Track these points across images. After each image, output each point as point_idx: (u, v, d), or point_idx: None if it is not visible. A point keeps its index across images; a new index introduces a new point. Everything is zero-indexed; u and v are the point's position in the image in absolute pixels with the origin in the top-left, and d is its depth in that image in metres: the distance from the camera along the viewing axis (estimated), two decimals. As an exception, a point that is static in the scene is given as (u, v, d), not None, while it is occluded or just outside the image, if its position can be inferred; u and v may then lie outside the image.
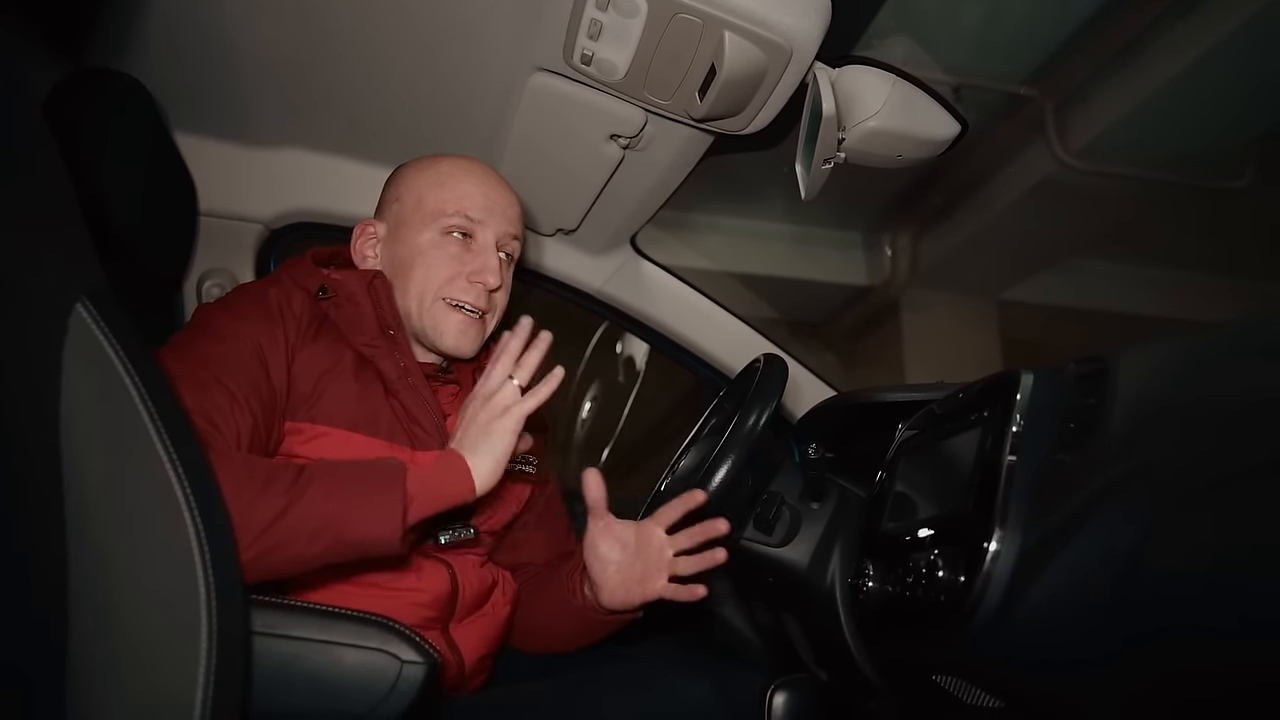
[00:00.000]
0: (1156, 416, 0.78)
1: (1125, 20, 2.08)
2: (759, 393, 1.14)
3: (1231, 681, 0.66)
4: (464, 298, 1.06)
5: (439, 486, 0.87)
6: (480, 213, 1.07)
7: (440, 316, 1.06)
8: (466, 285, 1.06)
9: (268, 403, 0.93)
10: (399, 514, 0.82)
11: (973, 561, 0.85)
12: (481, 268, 1.06)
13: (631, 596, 1.02)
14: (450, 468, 0.88)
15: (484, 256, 1.07)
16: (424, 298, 1.06)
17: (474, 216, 1.06)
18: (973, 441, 0.97)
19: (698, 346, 1.73)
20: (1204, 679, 0.68)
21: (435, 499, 0.87)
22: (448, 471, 0.88)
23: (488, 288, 1.07)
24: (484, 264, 1.06)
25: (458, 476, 0.88)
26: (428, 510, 0.86)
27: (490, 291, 1.08)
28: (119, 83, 1.14)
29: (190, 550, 0.61)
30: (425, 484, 0.86)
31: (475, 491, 0.89)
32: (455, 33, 1.14)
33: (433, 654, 0.75)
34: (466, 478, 0.88)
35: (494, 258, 1.07)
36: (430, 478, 0.87)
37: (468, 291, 1.06)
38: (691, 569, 1.01)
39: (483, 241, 1.07)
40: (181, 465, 0.61)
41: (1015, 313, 3.27)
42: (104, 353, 0.59)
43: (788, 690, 1.00)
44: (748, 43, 1.00)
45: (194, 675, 0.60)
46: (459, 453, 0.89)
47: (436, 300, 1.06)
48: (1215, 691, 0.67)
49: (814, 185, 1.18)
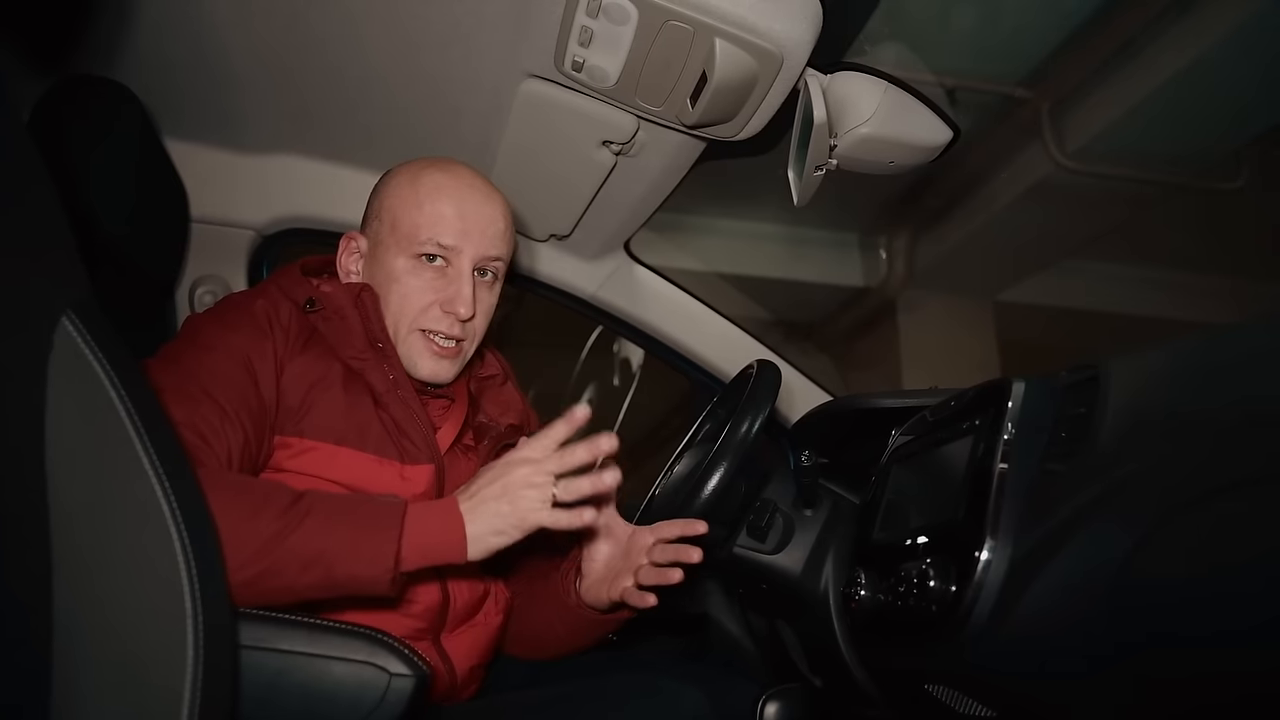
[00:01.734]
0: (1147, 425, 0.78)
1: (1121, 21, 2.08)
2: (752, 400, 1.14)
3: (1222, 690, 0.66)
4: (438, 327, 1.05)
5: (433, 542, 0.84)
6: (454, 238, 1.04)
7: (414, 348, 1.05)
8: (440, 315, 1.04)
9: (257, 416, 0.93)
10: (391, 559, 0.81)
11: (964, 571, 0.85)
12: (454, 297, 1.04)
13: (601, 593, 1.04)
14: (447, 526, 0.85)
15: (457, 285, 1.04)
16: (399, 327, 1.05)
17: (447, 244, 1.04)
18: (965, 449, 0.97)
19: (692, 351, 1.72)
20: (1194, 688, 0.68)
21: (427, 554, 0.84)
22: (443, 530, 0.84)
23: (460, 318, 1.04)
24: (456, 294, 1.04)
25: (452, 538, 0.84)
26: (418, 564, 0.84)
27: (464, 320, 1.05)
28: (109, 90, 1.14)
29: (177, 568, 0.60)
30: (420, 537, 0.83)
31: (466, 558, 0.85)
32: (446, 40, 1.13)
33: (422, 666, 0.75)
34: (460, 543, 0.85)
35: (467, 286, 1.04)
36: (427, 530, 0.84)
37: (441, 321, 1.05)
38: (649, 580, 0.99)
39: (457, 269, 1.05)
40: (168, 480, 0.61)
41: (1012, 314, 3.27)
42: (90, 367, 0.59)
43: (780, 700, 1.00)
44: (739, 50, 0.99)
45: (180, 690, 0.59)
46: (460, 514, 0.85)
47: (412, 331, 1.05)
48: (1206, 700, 0.68)
49: (806, 192, 1.17)
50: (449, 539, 0.84)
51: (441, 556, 0.85)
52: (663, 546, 1.00)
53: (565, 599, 1.08)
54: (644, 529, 1.04)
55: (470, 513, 0.85)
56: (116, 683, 0.59)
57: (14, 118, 0.58)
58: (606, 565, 1.05)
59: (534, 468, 0.87)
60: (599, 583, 1.05)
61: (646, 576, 0.99)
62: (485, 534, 0.85)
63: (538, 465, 0.87)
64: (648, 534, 1.02)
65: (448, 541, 0.84)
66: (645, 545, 1.01)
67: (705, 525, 1.01)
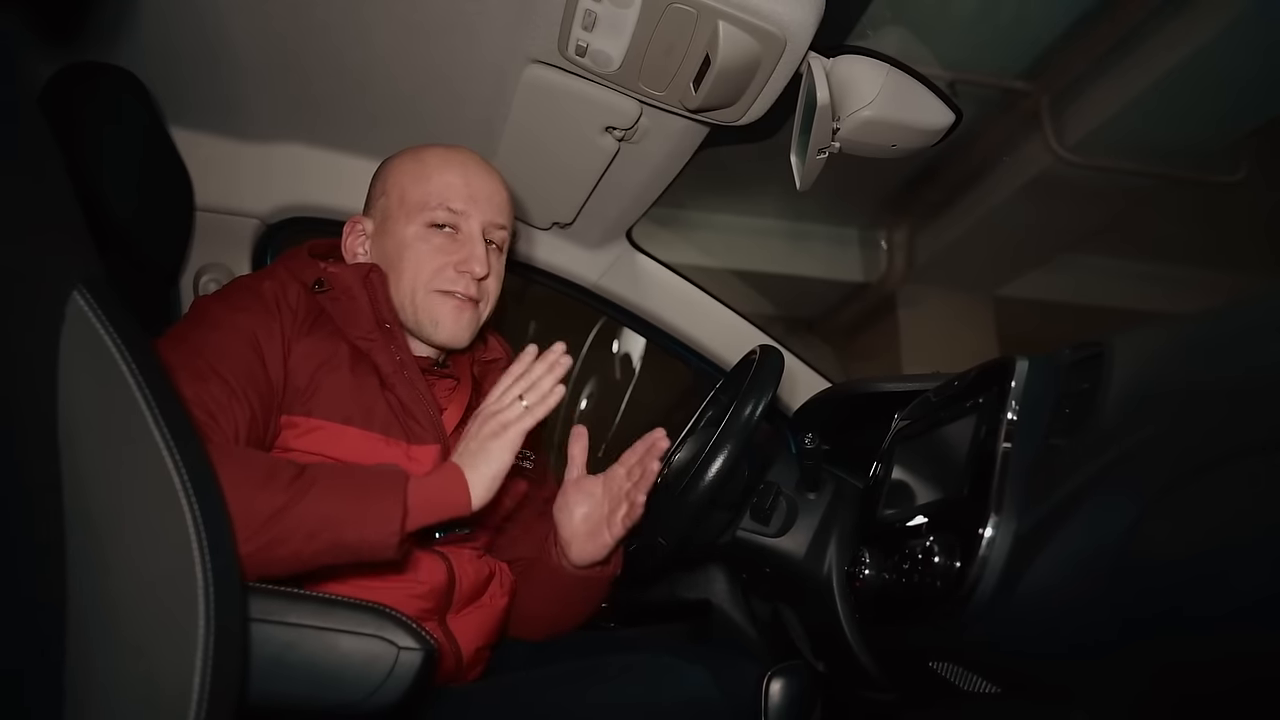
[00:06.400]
0: (1151, 399, 0.78)
1: (1121, 13, 2.08)
2: (755, 384, 1.14)
3: (1227, 666, 0.66)
4: (454, 287, 1.07)
5: (436, 498, 0.89)
6: (463, 203, 1.07)
7: (434, 305, 1.07)
8: (455, 275, 1.07)
9: (264, 395, 0.93)
10: (398, 519, 0.84)
11: (969, 547, 0.85)
12: (468, 257, 1.07)
13: (600, 540, 1.07)
14: (448, 480, 0.90)
15: (469, 246, 1.07)
16: (415, 291, 1.07)
17: (456, 208, 1.07)
18: (968, 429, 0.98)
19: (694, 340, 1.73)
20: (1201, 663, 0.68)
21: (432, 510, 0.88)
22: (446, 484, 0.90)
23: (475, 276, 1.07)
24: (470, 253, 1.07)
25: (455, 490, 0.90)
26: (424, 520, 0.88)
27: (479, 280, 1.08)
28: (114, 77, 1.14)
29: (188, 537, 0.61)
30: (423, 494, 0.87)
31: (471, 506, 0.90)
32: (449, 25, 1.14)
33: (430, 641, 0.75)
34: (464, 491, 0.90)
35: (480, 246, 1.08)
36: (429, 488, 0.88)
37: (456, 281, 1.07)
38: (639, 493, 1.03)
39: (467, 231, 1.08)
40: (179, 452, 0.61)
41: (1012, 308, 3.27)
42: (101, 341, 0.59)
43: (785, 676, 1.00)
44: (742, 32, 1.00)
45: (191, 662, 0.60)
46: (458, 465, 0.91)
47: (429, 292, 1.07)
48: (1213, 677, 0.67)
49: (809, 175, 1.18)
50: (451, 488, 0.89)
51: (447, 508, 0.89)
52: (630, 451, 1.08)
53: (548, 560, 1.10)
54: (612, 470, 1.09)
55: (463, 459, 0.91)
56: (128, 650, 0.59)
57: (25, 89, 0.59)
58: (586, 520, 1.08)
59: (496, 400, 0.95)
60: (585, 536, 1.08)
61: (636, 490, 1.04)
62: (481, 469, 0.91)
63: (500, 397, 0.95)
64: (617, 469, 1.08)
65: (450, 490, 0.89)
66: (619, 477, 1.07)
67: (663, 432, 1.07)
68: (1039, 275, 3.17)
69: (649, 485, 1.03)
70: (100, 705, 0.59)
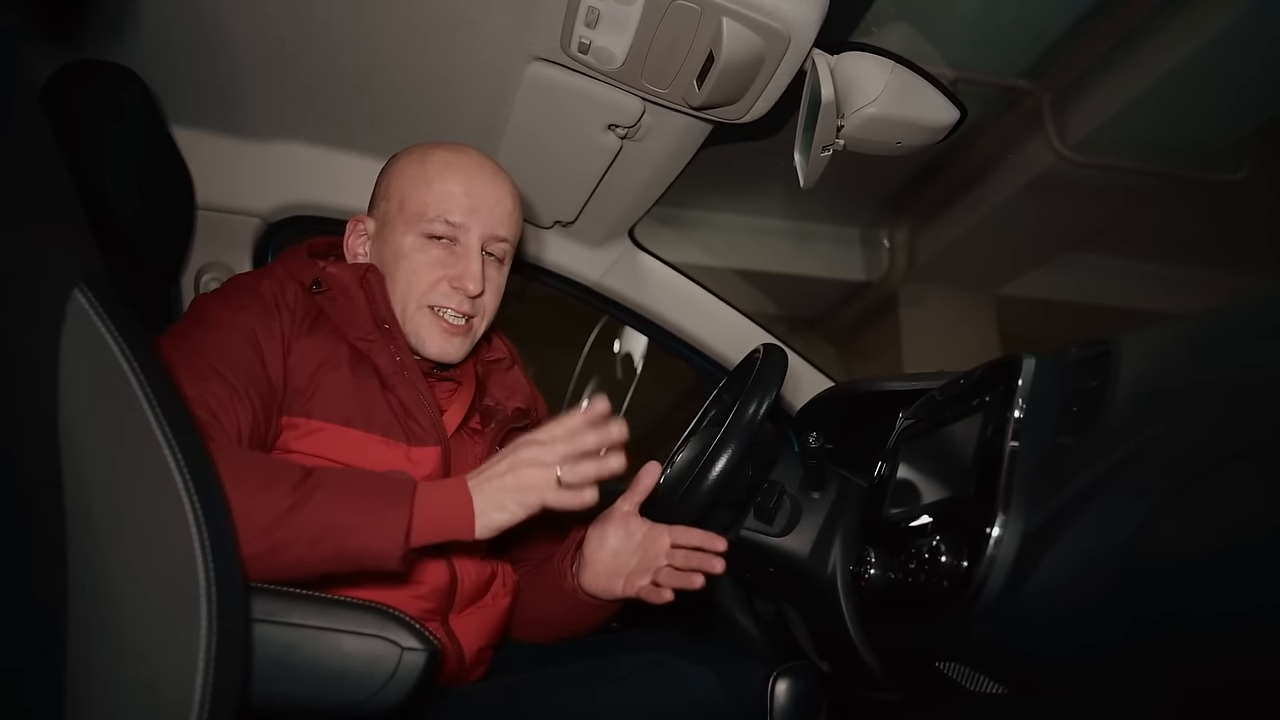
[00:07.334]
0: (1159, 397, 0.78)
1: (1123, 12, 2.08)
2: (758, 382, 1.14)
3: (1236, 665, 0.66)
4: (447, 304, 1.05)
5: (441, 519, 0.85)
6: (462, 215, 1.04)
7: (423, 325, 1.05)
8: (449, 291, 1.05)
9: (266, 395, 0.92)
10: (402, 532, 0.81)
11: (975, 546, 0.85)
12: (463, 273, 1.04)
13: (614, 585, 1.04)
14: (456, 504, 0.85)
15: (466, 261, 1.04)
16: (407, 304, 1.05)
17: (455, 220, 1.04)
18: (974, 427, 0.97)
19: (696, 338, 1.72)
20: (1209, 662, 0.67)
21: (436, 530, 0.85)
22: (453, 507, 0.85)
23: (469, 294, 1.05)
24: (465, 270, 1.04)
25: (461, 516, 0.85)
26: (428, 539, 0.85)
27: (474, 297, 1.06)
28: (115, 75, 1.14)
29: (190, 537, 0.60)
30: (429, 512, 0.84)
31: (474, 536, 0.86)
32: (451, 23, 1.13)
33: (433, 641, 0.74)
34: (469, 521, 0.85)
35: (476, 262, 1.04)
36: (435, 507, 0.85)
37: (450, 297, 1.05)
38: (673, 583, 1.02)
39: (465, 245, 1.05)
40: (180, 452, 0.61)
41: (1014, 308, 3.27)
42: (102, 339, 0.59)
43: (790, 677, 0.99)
44: (746, 29, 0.99)
45: (194, 662, 0.59)
46: (469, 493, 0.86)
47: (420, 308, 1.05)
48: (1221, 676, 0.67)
49: (813, 173, 1.17)
50: (457, 514, 0.85)
51: (450, 532, 0.85)
52: (686, 553, 1.03)
53: (562, 582, 1.08)
54: (661, 528, 1.04)
55: (478, 490, 0.86)
56: (129, 650, 0.59)
57: (25, 87, 0.58)
58: (614, 556, 1.05)
59: (542, 449, 0.88)
60: (604, 574, 1.05)
61: (668, 578, 1.02)
62: (491, 510, 0.86)
63: (546, 447, 0.88)
64: (665, 535, 1.04)
65: (456, 517, 0.85)
66: (664, 547, 1.03)
67: (725, 544, 1.03)
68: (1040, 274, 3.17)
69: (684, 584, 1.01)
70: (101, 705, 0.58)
